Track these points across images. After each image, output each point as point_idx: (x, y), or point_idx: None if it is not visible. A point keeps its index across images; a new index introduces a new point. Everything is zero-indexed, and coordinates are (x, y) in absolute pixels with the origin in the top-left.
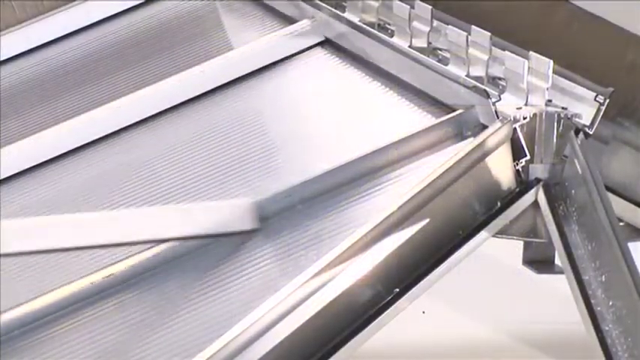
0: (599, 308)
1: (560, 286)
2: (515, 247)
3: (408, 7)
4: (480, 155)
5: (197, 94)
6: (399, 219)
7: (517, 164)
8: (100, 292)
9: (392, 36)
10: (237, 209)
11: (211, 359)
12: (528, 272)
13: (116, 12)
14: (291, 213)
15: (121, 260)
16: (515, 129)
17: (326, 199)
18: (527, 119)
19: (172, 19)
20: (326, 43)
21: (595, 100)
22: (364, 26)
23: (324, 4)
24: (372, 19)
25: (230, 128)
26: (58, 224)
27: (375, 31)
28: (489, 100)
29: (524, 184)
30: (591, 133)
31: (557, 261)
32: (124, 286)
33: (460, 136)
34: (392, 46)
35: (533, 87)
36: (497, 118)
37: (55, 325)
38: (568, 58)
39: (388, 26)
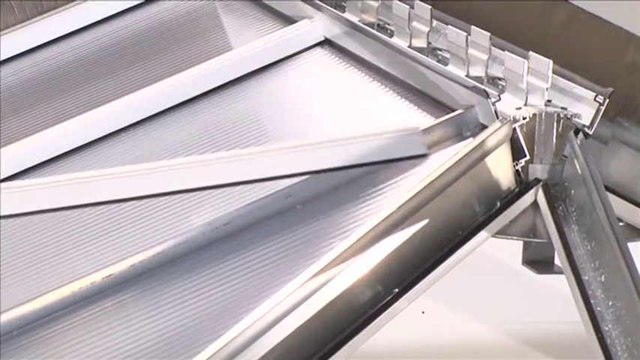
0: (598, 308)
1: (559, 286)
2: (515, 247)
3: (408, 7)
4: (479, 155)
5: (196, 94)
6: (399, 219)
7: (517, 164)
8: (100, 292)
9: (391, 36)
10: None
11: (211, 359)
12: (528, 272)
13: (115, 12)
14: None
15: (120, 260)
16: (514, 129)
17: (326, 199)
18: (527, 119)
19: (172, 20)
20: (325, 43)
21: (594, 100)
22: (364, 26)
23: (323, 4)
24: (371, 19)
25: (229, 128)
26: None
27: (375, 31)
28: (489, 100)
29: (523, 184)
30: (591, 133)
31: (557, 261)
32: (124, 286)
33: (460, 136)
34: (391, 46)
35: (533, 87)
36: (497, 118)
37: (55, 324)
38: (568, 58)
39: (388, 26)
